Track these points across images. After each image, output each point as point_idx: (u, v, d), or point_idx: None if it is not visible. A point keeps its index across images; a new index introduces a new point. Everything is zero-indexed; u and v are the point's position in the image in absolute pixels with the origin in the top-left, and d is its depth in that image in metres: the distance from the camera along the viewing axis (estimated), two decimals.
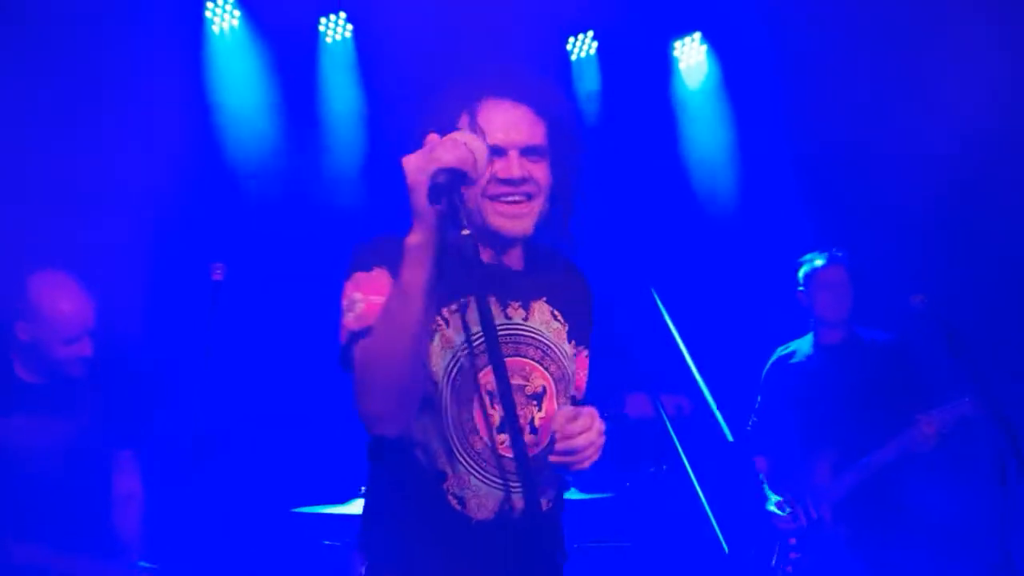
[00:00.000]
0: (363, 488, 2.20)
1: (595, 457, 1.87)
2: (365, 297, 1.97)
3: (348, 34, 5.82)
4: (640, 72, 6.00)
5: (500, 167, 2.00)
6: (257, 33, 5.62)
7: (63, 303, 3.18)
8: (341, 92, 5.77)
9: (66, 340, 3.18)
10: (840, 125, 5.22)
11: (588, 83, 6.02)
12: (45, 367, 3.26)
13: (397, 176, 4.94)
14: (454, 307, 2.01)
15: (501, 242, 2.07)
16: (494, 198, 2.01)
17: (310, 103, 5.70)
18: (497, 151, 1.99)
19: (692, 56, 6.03)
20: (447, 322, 2.01)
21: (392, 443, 2.00)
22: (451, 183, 1.74)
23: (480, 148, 1.82)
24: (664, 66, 6.06)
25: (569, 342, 2.15)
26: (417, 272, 1.79)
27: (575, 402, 2.18)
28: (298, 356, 4.85)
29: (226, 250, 4.51)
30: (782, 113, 5.58)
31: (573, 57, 6.06)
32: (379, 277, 1.97)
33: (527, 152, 2.03)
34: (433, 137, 1.82)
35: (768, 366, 4.57)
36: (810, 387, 4.35)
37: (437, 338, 2.00)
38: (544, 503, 2.08)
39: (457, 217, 1.75)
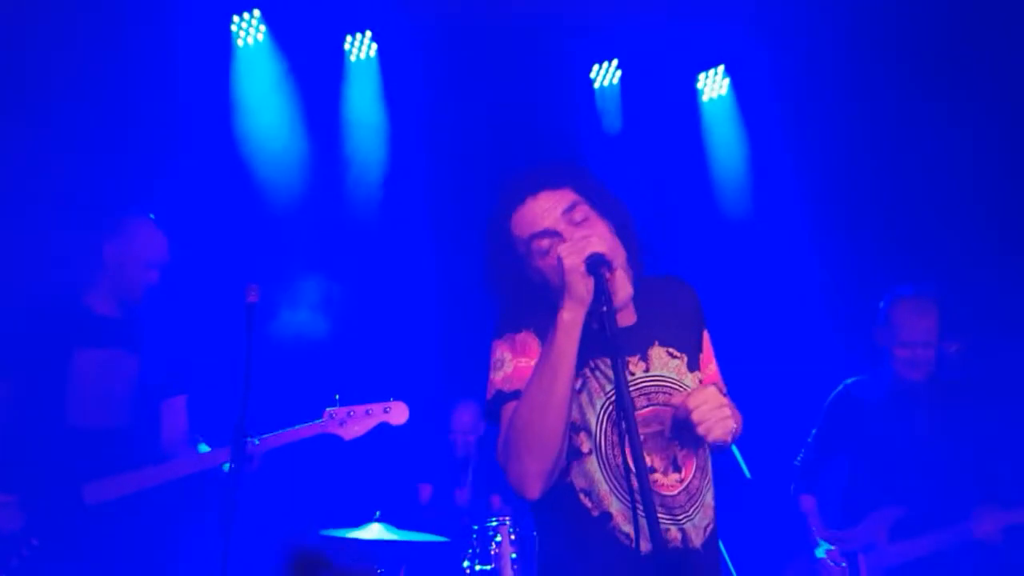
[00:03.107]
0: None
1: (719, 426, 2.04)
2: (514, 359, 2.19)
3: (373, 53, 5.82)
4: (662, 102, 6.02)
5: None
6: (282, 48, 5.62)
7: (147, 234, 3.67)
8: (364, 110, 5.77)
9: (146, 264, 3.61)
10: (865, 154, 5.29)
11: (610, 111, 6.03)
12: (118, 295, 3.61)
13: (416, 193, 4.92)
14: (595, 365, 2.20)
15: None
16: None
17: (333, 119, 5.69)
18: (551, 233, 2.20)
19: (715, 88, 6.05)
20: (594, 378, 2.20)
21: (559, 493, 2.17)
22: (601, 263, 2.04)
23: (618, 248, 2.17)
24: (686, 97, 6.07)
25: (691, 372, 2.29)
26: (569, 343, 2.05)
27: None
28: (319, 374, 4.84)
29: (251, 265, 4.53)
30: (802, 144, 5.62)
31: (596, 85, 6.06)
32: (527, 339, 2.20)
33: (567, 212, 2.21)
34: (581, 231, 2.15)
35: (833, 397, 4.18)
36: (882, 428, 4.00)
37: (586, 391, 2.19)
38: (697, 533, 2.19)
39: (601, 295, 2.01)
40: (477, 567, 4.21)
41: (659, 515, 2.04)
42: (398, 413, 3.66)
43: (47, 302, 3.56)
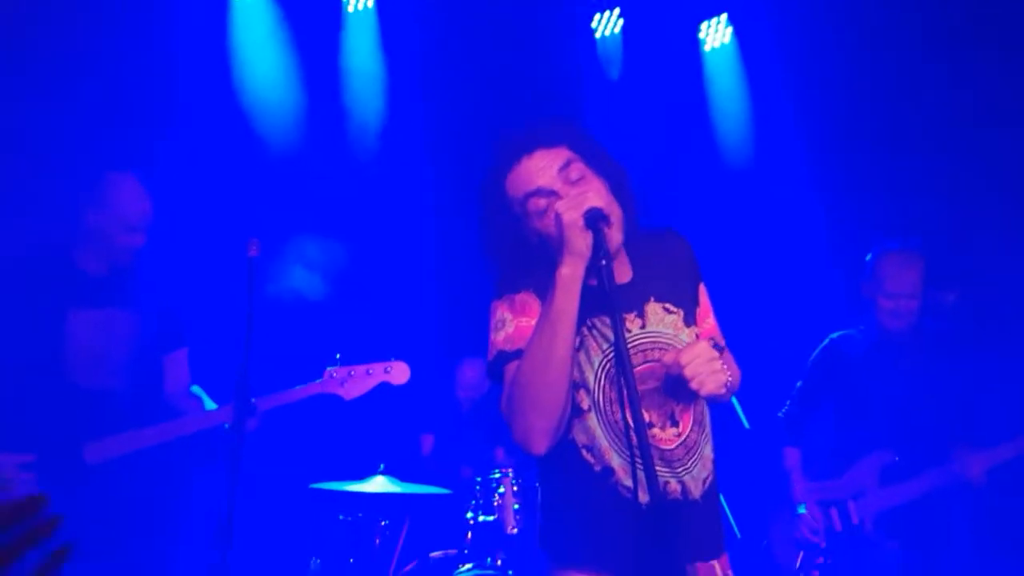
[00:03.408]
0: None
1: (711, 380, 2.05)
2: (515, 319, 2.20)
3: (371, 3, 5.73)
4: (664, 51, 5.95)
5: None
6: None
7: (131, 195, 3.53)
8: (362, 60, 5.70)
9: (128, 228, 3.50)
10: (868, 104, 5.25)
11: (612, 60, 5.97)
12: (105, 256, 3.53)
13: (415, 145, 4.87)
14: (592, 324, 2.20)
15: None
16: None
17: (331, 70, 5.62)
18: (547, 192, 2.19)
19: (717, 37, 5.98)
20: (592, 336, 2.21)
21: (561, 449, 2.19)
22: (599, 218, 2.05)
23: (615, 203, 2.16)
24: (689, 46, 6.00)
25: (688, 327, 2.31)
26: (570, 300, 2.06)
27: (718, 347, 2.35)
28: (319, 329, 4.84)
29: (249, 218, 4.51)
30: (806, 93, 5.57)
31: (598, 35, 5.99)
32: (527, 299, 2.21)
33: (562, 170, 2.20)
34: (577, 189, 2.15)
35: (819, 350, 4.27)
36: (868, 376, 4.08)
37: (584, 350, 2.20)
38: (696, 485, 2.22)
39: (600, 250, 2.03)
40: (480, 518, 4.26)
41: (658, 468, 2.07)
42: (399, 373, 3.66)
43: (38, 263, 3.49)
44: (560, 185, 2.19)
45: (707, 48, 6.01)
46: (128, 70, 4.61)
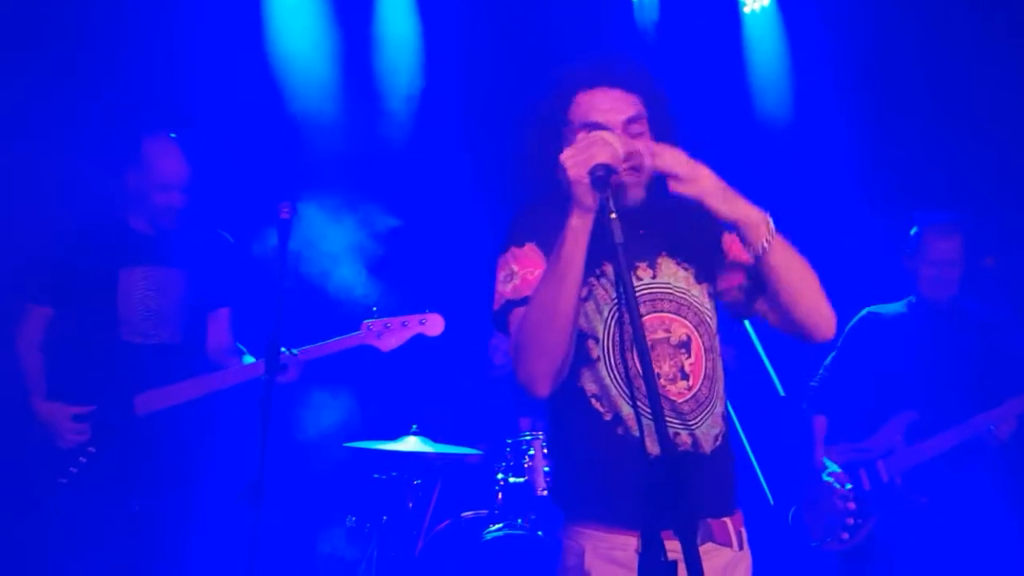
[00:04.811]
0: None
1: (691, 175, 2.13)
2: (521, 271, 2.26)
3: None
4: (702, 13, 5.86)
5: None
6: None
7: (164, 156, 3.64)
8: (397, 23, 5.67)
9: (162, 187, 3.61)
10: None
11: (648, 23, 5.89)
12: (149, 216, 3.66)
13: (446, 111, 4.83)
14: (601, 272, 2.25)
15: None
16: None
17: (365, 32, 5.61)
18: (600, 128, 2.21)
19: (758, 0, 5.88)
20: (600, 285, 2.26)
21: (572, 398, 2.24)
22: (607, 176, 2.03)
23: (621, 146, 2.09)
24: (728, 8, 5.91)
25: (699, 284, 2.34)
26: (577, 250, 2.09)
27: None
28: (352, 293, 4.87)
29: (285, 180, 4.55)
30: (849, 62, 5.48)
31: None
32: (531, 252, 2.27)
33: (629, 123, 2.25)
34: (584, 136, 2.13)
35: (855, 321, 4.37)
36: (903, 342, 4.20)
37: (592, 300, 2.25)
38: (707, 440, 2.24)
39: (606, 209, 2.01)
40: (511, 479, 4.29)
41: (668, 419, 2.09)
42: (433, 324, 3.77)
43: (92, 224, 3.67)
44: (620, 132, 2.22)
45: (747, 11, 5.91)
46: (163, 36, 4.64)
